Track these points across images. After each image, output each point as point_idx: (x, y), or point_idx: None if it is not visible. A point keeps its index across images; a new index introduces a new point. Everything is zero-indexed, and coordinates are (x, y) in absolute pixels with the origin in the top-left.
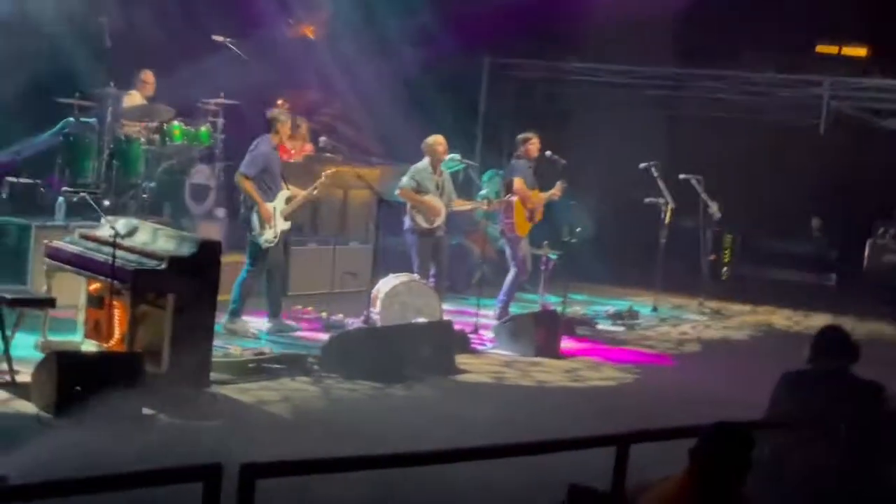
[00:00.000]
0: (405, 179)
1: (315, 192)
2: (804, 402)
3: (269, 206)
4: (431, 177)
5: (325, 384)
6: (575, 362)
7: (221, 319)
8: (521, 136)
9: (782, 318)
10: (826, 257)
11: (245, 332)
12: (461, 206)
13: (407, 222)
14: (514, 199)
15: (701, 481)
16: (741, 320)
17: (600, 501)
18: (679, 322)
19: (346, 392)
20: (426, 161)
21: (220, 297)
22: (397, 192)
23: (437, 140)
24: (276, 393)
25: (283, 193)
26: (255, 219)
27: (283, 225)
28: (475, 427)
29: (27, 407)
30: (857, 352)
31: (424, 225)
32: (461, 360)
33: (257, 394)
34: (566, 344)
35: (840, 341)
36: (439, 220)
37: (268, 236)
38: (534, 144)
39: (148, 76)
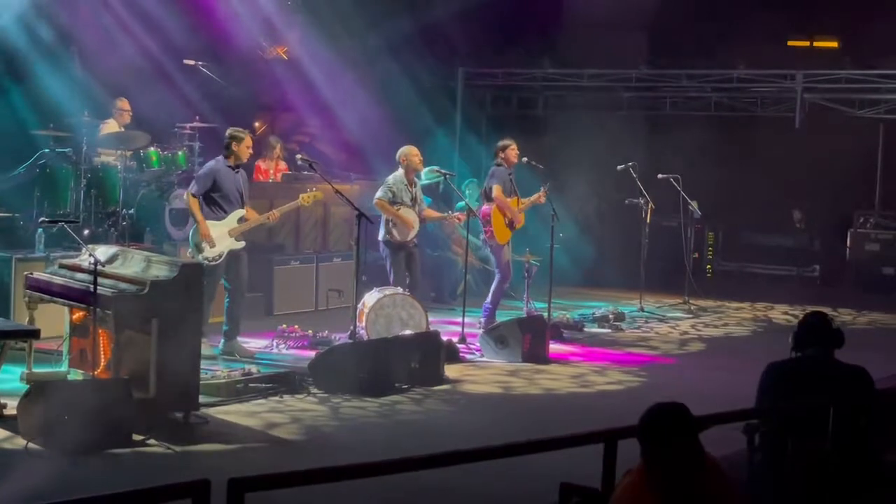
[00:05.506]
0: (381, 191)
1: (269, 219)
2: (791, 391)
3: (218, 223)
4: (407, 188)
5: (314, 401)
6: (580, 368)
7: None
8: (500, 144)
9: (776, 313)
10: (809, 249)
11: (241, 352)
12: (432, 215)
13: (382, 234)
14: (491, 208)
15: (651, 466)
16: (734, 316)
17: (592, 499)
18: (665, 321)
19: (336, 407)
20: (401, 172)
21: (212, 320)
22: (375, 201)
23: (411, 150)
24: (266, 412)
25: (237, 213)
26: (191, 236)
27: (232, 244)
28: (476, 437)
29: (15, 439)
30: (840, 337)
31: (399, 238)
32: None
33: (247, 414)
34: (554, 348)
35: (822, 328)
36: (413, 234)
37: (208, 254)
38: (513, 151)
39: (124, 104)
